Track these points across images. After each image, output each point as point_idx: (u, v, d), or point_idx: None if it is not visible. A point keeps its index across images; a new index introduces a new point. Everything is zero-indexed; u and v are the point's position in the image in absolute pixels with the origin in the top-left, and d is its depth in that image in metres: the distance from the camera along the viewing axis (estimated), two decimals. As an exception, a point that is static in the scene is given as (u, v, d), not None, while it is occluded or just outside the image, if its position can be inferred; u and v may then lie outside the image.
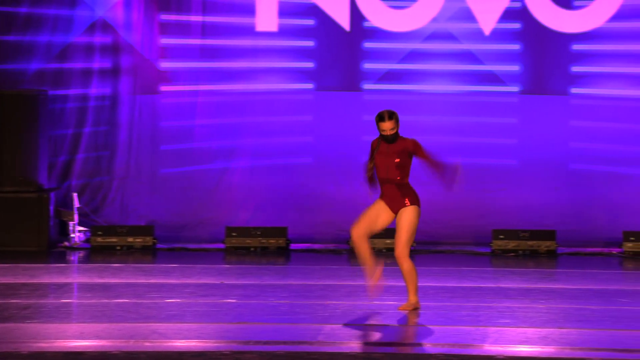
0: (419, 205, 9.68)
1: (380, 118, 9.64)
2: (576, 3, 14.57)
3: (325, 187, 14.76)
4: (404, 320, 9.34)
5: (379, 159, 9.71)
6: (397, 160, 9.64)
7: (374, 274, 9.68)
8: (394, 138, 9.64)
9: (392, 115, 9.63)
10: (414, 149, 9.73)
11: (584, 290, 11.15)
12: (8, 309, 9.70)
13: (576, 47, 14.59)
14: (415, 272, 9.63)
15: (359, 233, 9.69)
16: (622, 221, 14.32)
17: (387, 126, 9.61)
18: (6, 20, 14.59)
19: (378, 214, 9.70)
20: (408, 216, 9.57)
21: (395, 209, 9.64)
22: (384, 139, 9.65)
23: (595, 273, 12.50)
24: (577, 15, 14.52)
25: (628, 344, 8.37)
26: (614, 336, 8.66)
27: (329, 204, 14.75)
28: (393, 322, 9.23)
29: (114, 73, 14.83)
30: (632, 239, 13.97)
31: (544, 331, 8.77)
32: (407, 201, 9.60)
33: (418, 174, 14.74)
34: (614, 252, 14.07)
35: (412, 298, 9.64)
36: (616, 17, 14.47)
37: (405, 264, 9.60)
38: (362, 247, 9.67)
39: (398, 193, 9.63)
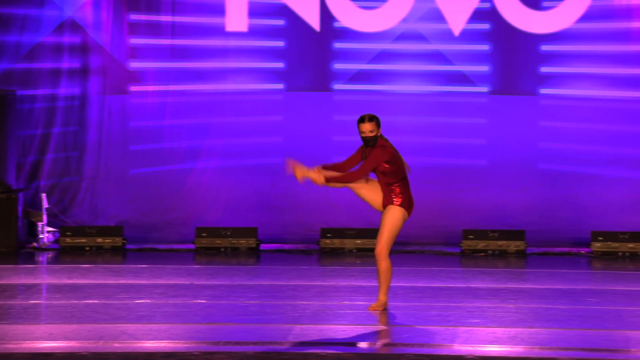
0: (407, 208, 9.64)
1: (360, 120, 9.63)
2: (545, 4, 14.64)
3: (296, 188, 14.76)
4: (374, 321, 9.35)
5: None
6: (385, 165, 9.62)
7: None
8: (372, 142, 9.61)
9: (372, 118, 9.61)
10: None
11: (553, 290, 11.20)
12: (-24, 310, 9.63)
13: (545, 47, 14.66)
14: (391, 273, 9.64)
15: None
16: (591, 221, 14.41)
17: (366, 128, 9.59)
18: (-26, 20, 14.52)
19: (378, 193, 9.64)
20: (392, 215, 9.56)
21: (385, 203, 9.62)
22: (362, 141, 9.65)
23: (564, 273, 12.56)
24: (546, 16, 14.59)
25: (596, 343, 8.42)
26: (582, 335, 8.71)
27: (299, 204, 14.75)
28: (363, 322, 9.24)
29: (83, 73, 14.77)
30: (600, 238, 14.05)
31: (513, 331, 8.81)
32: (395, 200, 9.60)
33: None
34: (583, 252, 14.15)
35: (382, 297, 9.65)
36: (584, 18, 14.55)
37: (384, 263, 9.60)
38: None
39: (388, 191, 9.61)
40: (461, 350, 8.04)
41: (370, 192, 9.66)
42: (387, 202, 9.61)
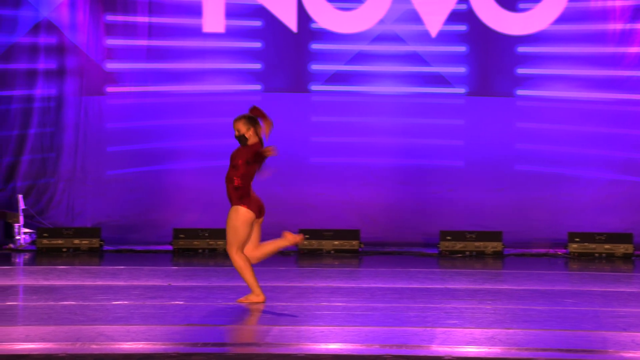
0: (256, 211, 9.76)
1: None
2: (521, 5, 14.68)
3: (272, 188, 14.75)
4: (351, 322, 9.36)
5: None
6: (240, 161, 9.75)
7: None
8: (242, 142, 9.74)
9: (240, 118, 9.73)
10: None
11: (530, 290, 11.23)
12: (-48, 313, 9.58)
13: (521, 49, 14.70)
14: (246, 268, 9.71)
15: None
16: (568, 222, 14.46)
17: (235, 126, 9.74)
18: (-51, 20, 14.45)
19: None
20: (236, 215, 9.70)
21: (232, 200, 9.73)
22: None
23: (541, 274, 12.60)
24: (522, 18, 14.64)
25: (574, 344, 8.45)
26: (559, 336, 8.74)
27: (276, 205, 14.74)
28: (342, 324, 9.24)
29: (59, 74, 14.71)
30: (577, 240, 14.10)
31: (490, 332, 8.83)
32: (243, 202, 9.75)
33: (364, 175, 14.80)
34: (560, 253, 14.20)
35: (252, 293, 9.77)
36: (560, 19, 14.60)
37: (235, 261, 9.66)
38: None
39: (233, 190, 9.76)
40: (439, 351, 8.06)
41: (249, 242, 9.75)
42: (233, 202, 9.70)
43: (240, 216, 9.76)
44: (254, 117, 9.81)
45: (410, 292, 10.93)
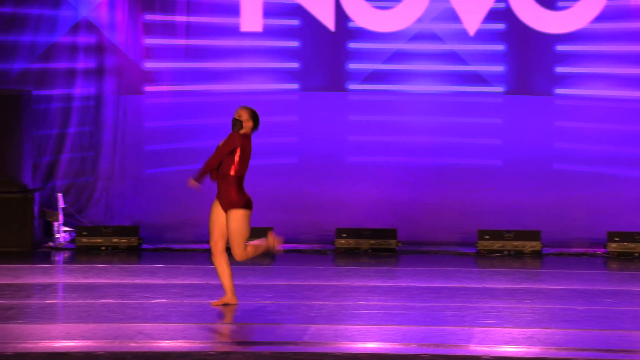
0: (250, 208, 9.75)
1: (241, 106, 9.84)
2: (560, 4, 14.61)
3: (310, 188, 14.76)
4: (389, 321, 9.35)
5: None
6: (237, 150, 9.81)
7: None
8: (237, 127, 9.86)
9: (249, 109, 9.89)
10: None
11: (569, 290, 11.18)
12: (-8, 310, 9.66)
13: (560, 47, 14.63)
14: (224, 270, 9.66)
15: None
16: (607, 221, 14.37)
17: (239, 111, 9.80)
18: (-11, 20, 14.56)
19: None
20: (237, 219, 9.69)
21: (226, 203, 9.73)
22: (231, 122, 9.77)
23: (580, 273, 12.53)
24: (561, 16, 14.57)
25: (612, 344, 8.40)
26: (598, 336, 8.69)
27: (314, 204, 14.75)
28: (379, 323, 9.24)
29: (98, 73, 14.80)
30: (616, 239, 14.01)
31: (529, 331, 8.79)
32: (238, 202, 9.75)
33: (402, 174, 14.79)
34: (599, 252, 14.11)
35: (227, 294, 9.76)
36: (600, 17, 14.51)
37: (215, 259, 9.77)
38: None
39: (227, 187, 9.75)
40: (477, 351, 8.04)
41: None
42: (227, 201, 9.62)
43: (244, 217, 9.72)
44: (257, 115, 9.86)
45: (448, 292, 10.90)
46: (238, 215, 9.68)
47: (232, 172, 9.69)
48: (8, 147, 13.93)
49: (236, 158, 9.72)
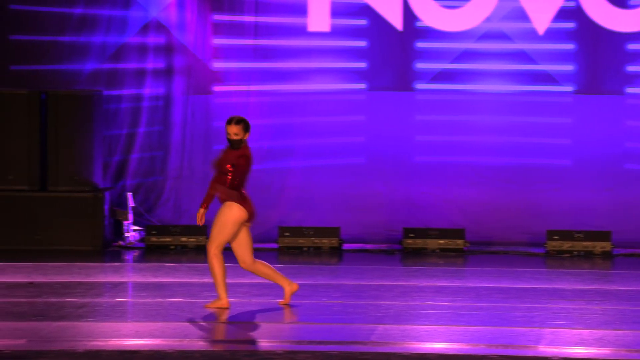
0: (250, 212, 9.79)
1: (228, 121, 9.79)
2: (631, 2, 14.44)
3: (377, 187, 14.74)
4: (457, 321, 9.31)
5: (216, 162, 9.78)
6: (229, 166, 9.68)
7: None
8: (237, 145, 9.71)
9: (239, 122, 9.76)
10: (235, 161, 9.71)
11: (640, 291, 11.05)
12: (64, 308, 9.79)
13: (631, 46, 14.46)
14: (219, 272, 9.59)
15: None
16: (679, 221, 14.17)
17: (232, 130, 9.72)
18: (61, 21, 14.71)
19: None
20: (229, 212, 9.65)
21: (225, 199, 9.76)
22: (228, 142, 9.72)
23: (651, 274, 12.38)
24: (632, 15, 14.39)
25: (685, 346, 8.28)
26: (670, 338, 8.57)
27: (381, 204, 14.73)
28: (447, 323, 9.21)
29: (167, 73, 14.91)
30: (688, 240, 13.81)
31: (599, 333, 8.70)
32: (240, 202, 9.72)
33: (470, 174, 14.71)
34: (670, 253, 13.92)
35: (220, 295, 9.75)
36: (673, 16, 14.32)
37: (210, 260, 9.72)
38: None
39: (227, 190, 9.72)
40: (546, 352, 7.98)
41: (239, 247, 9.64)
42: (227, 200, 9.64)
43: (234, 213, 9.74)
44: (248, 123, 9.83)
45: (517, 292, 10.83)
46: (229, 208, 9.66)
47: (235, 183, 9.73)
48: (80, 146, 14.09)
49: (239, 170, 9.70)
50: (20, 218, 13.90)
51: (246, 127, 9.81)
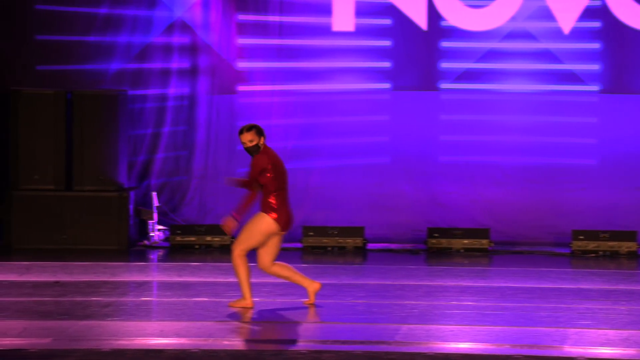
0: (282, 225, 9.72)
1: (239, 132, 9.77)
2: (657, 1, 14.37)
3: (402, 187, 14.73)
4: (481, 321, 9.29)
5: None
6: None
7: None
8: (254, 151, 9.68)
9: (250, 128, 9.71)
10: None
11: (666, 292, 10.99)
12: (89, 307, 9.83)
13: (658, 45, 14.39)
14: (244, 273, 9.62)
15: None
16: None
17: (245, 138, 9.75)
18: (87, 21, 14.77)
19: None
20: (260, 222, 9.69)
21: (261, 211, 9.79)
22: (246, 152, 9.72)
23: (677, 275, 12.32)
24: (658, 14, 14.32)
25: None
26: (697, 339, 8.52)
27: (406, 204, 14.72)
28: (471, 323, 9.19)
29: (192, 73, 14.94)
30: None
31: (625, 333, 8.67)
32: (271, 214, 9.67)
33: (494, 173, 14.68)
34: (697, 253, 13.84)
35: (244, 296, 9.75)
36: (699, 14, 14.24)
37: (234, 261, 9.73)
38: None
39: (266, 201, 9.73)
40: (572, 352, 7.95)
41: (264, 252, 9.65)
42: (262, 209, 9.63)
43: (264, 225, 9.70)
44: (261, 128, 9.77)
45: (542, 292, 10.79)
46: (260, 218, 9.66)
47: (271, 188, 9.68)
48: (105, 146, 14.15)
49: (269, 176, 9.65)
50: (46, 217, 13.97)
51: (259, 132, 9.75)
